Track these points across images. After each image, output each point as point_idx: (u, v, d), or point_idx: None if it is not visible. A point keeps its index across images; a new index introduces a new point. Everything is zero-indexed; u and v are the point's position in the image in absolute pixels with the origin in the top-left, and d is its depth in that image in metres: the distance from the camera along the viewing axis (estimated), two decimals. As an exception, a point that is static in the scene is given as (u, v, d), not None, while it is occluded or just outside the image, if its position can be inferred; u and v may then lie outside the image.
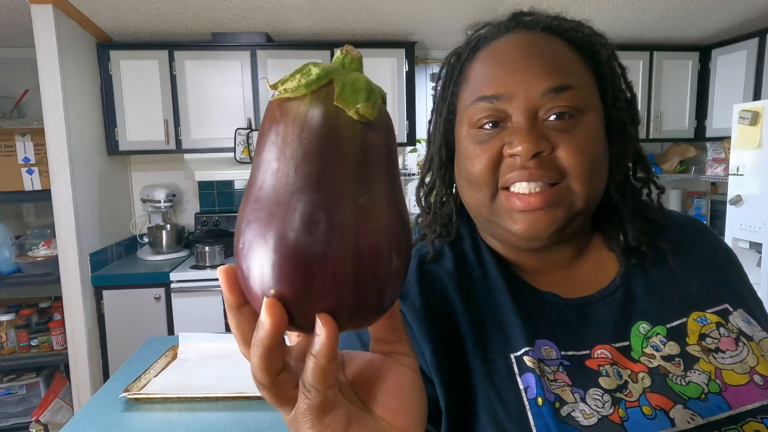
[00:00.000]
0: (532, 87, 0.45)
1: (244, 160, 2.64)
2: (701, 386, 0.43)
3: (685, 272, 0.51)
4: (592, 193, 0.47)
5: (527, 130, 0.45)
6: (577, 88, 0.46)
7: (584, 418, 0.42)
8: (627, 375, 0.45)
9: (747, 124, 2.30)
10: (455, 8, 2.40)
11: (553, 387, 0.44)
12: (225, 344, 1.40)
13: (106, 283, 2.37)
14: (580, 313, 0.49)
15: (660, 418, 0.42)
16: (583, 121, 0.46)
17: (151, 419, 1.05)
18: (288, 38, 2.77)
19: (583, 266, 0.53)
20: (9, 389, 2.41)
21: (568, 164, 0.45)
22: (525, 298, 0.50)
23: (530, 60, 0.46)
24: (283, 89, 0.28)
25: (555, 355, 0.46)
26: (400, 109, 2.74)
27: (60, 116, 2.17)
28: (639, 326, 0.48)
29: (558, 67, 0.46)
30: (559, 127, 0.45)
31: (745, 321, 0.47)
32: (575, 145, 0.45)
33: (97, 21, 2.44)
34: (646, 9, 2.45)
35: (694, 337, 0.46)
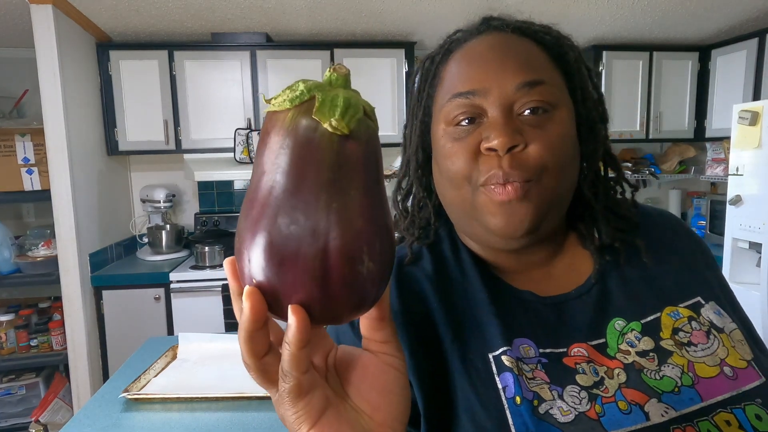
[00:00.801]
0: (506, 82, 0.46)
1: (244, 160, 2.64)
2: (675, 380, 0.44)
3: (659, 267, 0.52)
4: (563, 189, 0.48)
5: (503, 123, 0.46)
6: (549, 83, 0.48)
7: (562, 415, 0.43)
8: (603, 371, 0.46)
9: (747, 124, 2.30)
10: (455, 8, 2.40)
11: (531, 385, 0.45)
12: (225, 344, 1.40)
13: (106, 283, 2.37)
14: (556, 311, 0.50)
15: (635, 413, 0.42)
16: (555, 117, 0.47)
17: (150, 419, 1.05)
18: (288, 38, 2.77)
19: (559, 265, 0.54)
20: (9, 389, 2.41)
21: (540, 159, 0.46)
22: (503, 297, 0.51)
23: (503, 57, 0.48)
24: (272, 103, 0.31)
25: (533, 353, 0.47)
26: (399, 109, 2.74)
27: (60, 116, 2.17)
28: (614, 323, 0.49)
29: (530, 64, 0.48)
30: (532, 122, 0.46)
31: (717, 313, 0.49)
32: (548, 141, 0.46)
33: (97, 21, 2.44)
34: (646, 9, 2.46)
35: (667, 331, 0.47)
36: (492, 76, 0.47)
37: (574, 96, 0.51)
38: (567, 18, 2.52)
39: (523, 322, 0.49)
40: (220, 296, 2.38)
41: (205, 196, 3.03)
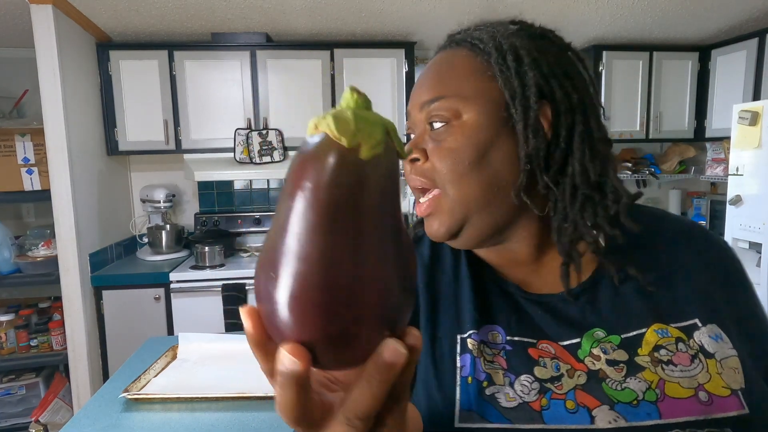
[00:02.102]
0: (416, 103, 0.52)
1: (244, 160, 2.65)
2: (636, 393, 0.44)
3: (660, 282, 0.50)
4: (470, 196, 0.49)
5: (411, 141, 0.52)
6: (451, 95, 0.49)
7: (506, 400, 0.45)
8: (565, 369, 0.46)
9: (746, 124, 2.30)
10: (455, 8, 2.40)
11: (486, 368, 0.47)
12: (225, 344, 1.40)
13: (106, 283, 2.37)
14: (538, 307, 0.51)
15: (581, 414, 0.43)
16: (454, 127, 0.49)
17: (150, 419, 1.05)
18: (288, 38, 2.77)
19: (554, 264, 0.52)
20: (8, 389, 2.41)
21: (436, 170, 0.49)
22: (487, 286, 0.54)
23: (422, 79, 0.53)
24: None
25: (500, 340, 0.49)
26: (399, 109, 2.74)
27: (60, 116, 2.17)
28: (594, 332, 0.48)
29: (437, 80, 0.51)
30: (433, 136, 0.50)
31: (714, 337, 0.46)
32: (440, 153, 0.49)
33: (97, 21, 2.44)
34: (646, 9, 2.46)
35: (647, 347, 0.46)
36: (413, 98, 0.53)
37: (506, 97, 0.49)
38: (567, 18, 2.52)
39: (499, 311, 0.52)
40: (220, 296, 2.38)
41: (205, 196, 3.03)
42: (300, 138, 2.68)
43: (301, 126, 2.69)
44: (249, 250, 2.85)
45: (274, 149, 2.65)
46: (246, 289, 2.41)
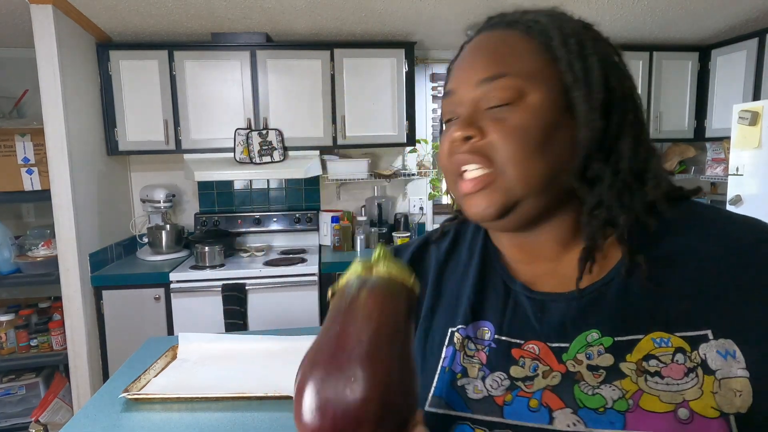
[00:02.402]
0: (470, 80, 0.50)
1: (244, 160, 2.65)
2: (606, 400, 0.43)
3: (677, 287, 0.46)
4: (532, 178, 0.47)
5: (462, 119, 0.50)
6: (514, 75, 0.48)
7: (473, 392, 0.48)
8: (542, 371, 0.47)
9: (746, 124, 2.30)
10: (455, 8, 2.40)
11: (464, 361, 0.50)
12: (225, 344, 1.40)
13: (106, 283, 2.37)
14: (538, 307, 0.51)
15: (541, 413, 0.44)
16: (520, 107, 0.48)
17: (150, 419, 1.05)
18: (288, 38, 2.77)
19: (570, 263, 0.51)
20: (8, 389, 2.41)
21: (497, 149, 0.48)
22: (491, 283, 0.55)
23: (473, 56, 0.51)
24: None
25: (488, 337, 0.51)
26: (399, 109, 2.74)
27: (60, 116, 2.17)
28: (588, 334, 0.47)
29: (496, 58, 0.50)
30: (495, 114, 0.48)
31: (722, 354, 0.42)
32: (505, 131, 0.47)
33: (97, 21, 2.44)
34: (646, 9, 2.46)
35: (637, 355, 0.44)
36: (462, 76, 0.51)
37: (566, 81, 0.49)
38: (567, 18, 2.52)
39: (494, 308, 0.53)
40: (220, 296, 2.38)
41: (205, 196, 3.03)
42: (299, 138, 2.69)
43: (300, 126, 2.69)
44: (249, 250, 2.86)
45: (274, 149, 2.65)
46: (246, 289, 2.41)
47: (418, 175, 3.07)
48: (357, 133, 2.72)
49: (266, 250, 2.88)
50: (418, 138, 2.95)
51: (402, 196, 3.18)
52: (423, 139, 3.08)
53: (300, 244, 3.02)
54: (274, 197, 3.09)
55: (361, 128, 2.73)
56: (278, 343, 1.39)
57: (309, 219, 2.98)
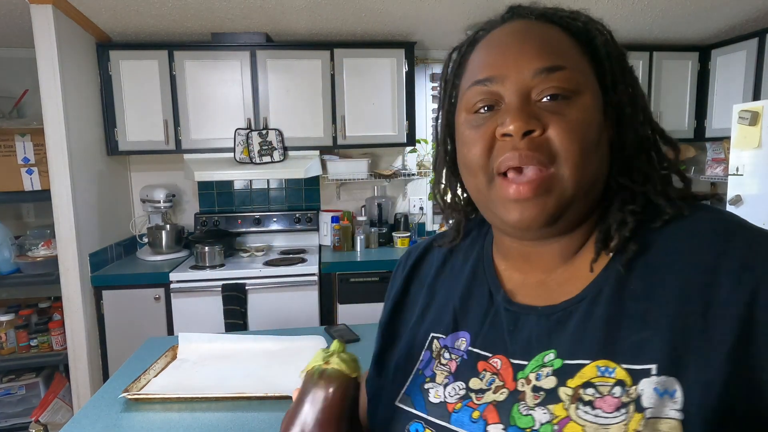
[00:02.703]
0: (523, 68, 0.46)
1: (244, 160, 2.65)
2: (535, 423, 0.43)
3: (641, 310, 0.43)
4: (584, 179, 0.46)
5: (518, 109, 0.45)
6: (571, 69, 0.46)
7: (433, 397, 0.50)
8: (495, 385, 0.48)
9: (746, 124, 2.30)
10: (455, 8, 2.40)
11: (437, 368, 0.53)
12: (225, 344, 1.40)
13: (106, 283, 2.37)
14: (513, 320, 0.50)
15: (478, 426, 0.46)
16: (577, 103, 0.45)
17: (150, 419, 1.05)
18: (288, 38, 2.77)
19: (559, 277, 0.51)
20: (8, 389, 2.41)
21: (559, 146, 0.44)
22: (478, 292, 0.55)
23: (522, 43, 0.47)
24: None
25: (464, 347, 0.52)
26: (399, 109, 2.74)
27: (60, 116, 2.17)
28: (546, 354, 0.46)
29: (551, 49, 0.46)
30: (552, 108, 0.45)
31: (659, 392, 0.39)
32: (567, 127, 0.44)
33: (97, 21, 2.44)
34: (646, 9, 2.46)
35: (578, 380, 0.43)
36: (510, 62, 0.46)
37: (603, 82, 0.48)
38: (567, 18, 2.52)
39: (475, 320, 0.53)
40: (220, 296, 2.38)
41: (205, 196, 3.03)
42: (299, 138, 2.69)
43: (300, 126, 2.69)
44: (249, 250, 2.86)
45: (274, 149, 2.65)
46: (246, 289, 2.42)
47: (418, 175, 3.07)
48: (357, 133, 2.72)
49: (266, 250, 2.89)
50: (418, 138, 2.95)
51: (402, 196, 3.18)
52: (423, 139, 3.08)
53: (300, 244, 3.02)
54: (274, 197, 3.09)
55: (361, 128, 2.73)
56: (278, 343, 1.39)
57: (309, 219, 2.99)
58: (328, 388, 0.48)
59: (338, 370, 0.48)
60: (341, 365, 0.49)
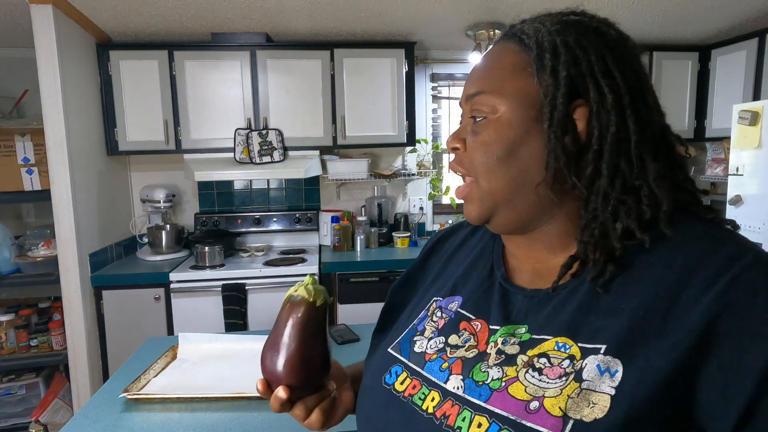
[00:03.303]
0: (463, 96, 0.57)
1: (244, 160, 2.65)
2: (488, 377, 0.49)
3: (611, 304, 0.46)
4: (497, 189, 0.53)
5: (454, 131, 0.57)
6: (490, 92, 0.52)
7: (417, 347, 0.58)
8: (469, 345, 0.54)
9: (746, 124, 2.31)
10: (455, 8, 2.40)
11: (427, 324, 0.61)
12: (224, 344, 1.40)
13: (106, 283, 2.37)
14: (504, 295, 0.57)
15: (443, 374, 0.53)
16: (491, 122, 0.52)
17: (150, 419, 1.05)
18: (288, 38, 2.77)
19: (549, 266, 0.55)
20: (8, 389, 2.41)
21: (470, 160, 0.54)
22: (481, 266, 0.62)
23: (472, 72, 0.57)
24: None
25: (454, 308, 0.60)
26: (399, 109, 2.74)
27: (60, 116, 2.17)
28: (518, 328, 0.52)
29: (483, 75, 0.54)
30: (473, 128, 0.54)
31: (600, 369, 0.43)
32: (476, 145, 0.53)
33: (97, 21, 2.44)
34: (646, 9, 2.46)
35: (537, 351, 0.48)
36: (463, 91, 0.57)
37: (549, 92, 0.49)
38: (567, 18, 2.52)
39: (472, 287, 0.60)
40: (220, 296, 2.38)
41: (205, 196, 3.03)
42: (299, 138, 2.69)
43: (300, 126, 2.69)
44: (249, 250, 2.86)
45: (274, 149, 2.65)
46: (246, 289, 2.42)
47: (418, 175, 3.07)
48: (357, 133, 2.72)
49: (266, 250, 2.89)
50: (418, 138, 2.95)
51: (402, 196, 3.18)
52: (423, 139, 3.08)
53: (300, 244, 3.02)
54: (274, 197, 3.09)
55: (361, 128, 2.73)
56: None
57: (309, 219, 2.99)
58: (291, 311, 0.59)
59: (302, 297, 0.59)
60: (305, 293, 0.59)
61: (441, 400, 0.51)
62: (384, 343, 0.64)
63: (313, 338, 0.58)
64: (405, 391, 0.55)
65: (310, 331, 0.58)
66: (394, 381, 0.57)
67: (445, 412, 0.49)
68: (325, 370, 0.61)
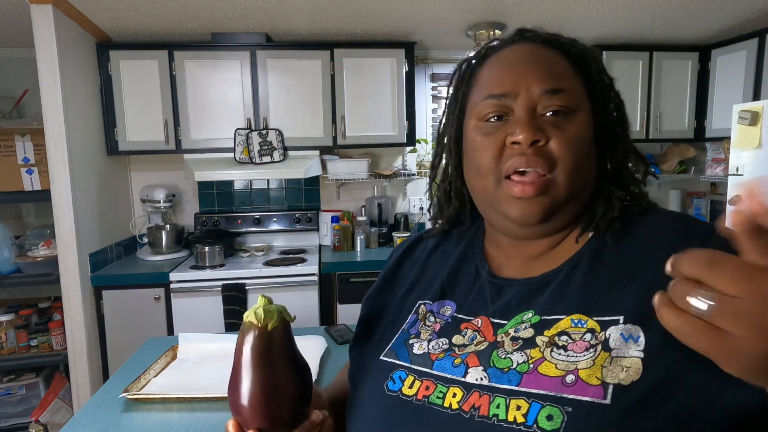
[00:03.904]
0: (532, 87, 0.54)
1: (244, 160, 2.65)
2: (512, 362, 0.50)
3: (607, 277, 0.52)
4: (576, 184, 0.54)
5: (527, 122, 0.53)
6: (570, 91, 0.55)
7: (417, 349, 0.57)
8: (477, 340, 0.55)
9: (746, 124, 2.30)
10: (455, 8, 2.40)
11: (421, 328, 0.60)
12: (224, 344, 1.40)
13: (106, 283, 2.37)
14: (497, 290, 0.58)
15: (460, 369, 0.52)
16: (573, 120, 0.54)
17: (150, 419, 1.05)
18: (288, 38, 2.77)
19: (540, 260, 0.58)
20: (8, 389, 2.41)
21: (558, 155, 0.53)
22: (466, 270, 0.63)
23: (531, 65, 0.56)
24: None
25: (449, 313, 0.60)
26: (399, 109, 2.74)
27: (60, 116, 2.17)
28: (525, 314, 0.54)
29: (555, 73, 0.55)
30: (553, 122, 0.54)
31: (625, 337, 0.47)
32: (566, 139, 0.53)
33: (97, 21, 2.44)
34: (646, 9, 2.46)
35: (554, 331, 0.50)
36: (521, 81, 0.55)
37: (594, 102, 0.57)
38: (567, 18, 2.52)
39: (462, 291, 0.61)
40: (220, 296, 2.38)
41: (205, 196, 3.03)
42: (299, 138, 2.69)
43: (300, 126, 2.69)
44: (249, 250, 2.86)
45: (274, 149, 2.65)
46: (246, 289, 2.42)
47: (418, 175, 3.07)
48: (357, 133, 2.72)
49: (266, 250, 2.89)
50: (418, 138, 2.95)
51: (402, 196, 3.18)
52: (423, 139, 3.08)
53: (300, 244, 3.02)
54: (274, 197, 3.09)
55: (361, 128, 2.73)
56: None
57: (309, 219, 2.99)
58: (243, 342, 0.53)
59: (250, 323, 0.53)
60: (253, 318, 0.53)
61: (465, 393, 0.50)
62: (370, 354, 0.62)
63: (272, 369, 0.51)
64: (417, 394, 0.53)
65: (269, 361, 0.51)
66: (400, 387, 0.55)
67: (473, 404, 0.49)
68: (303, 400, 0.54)
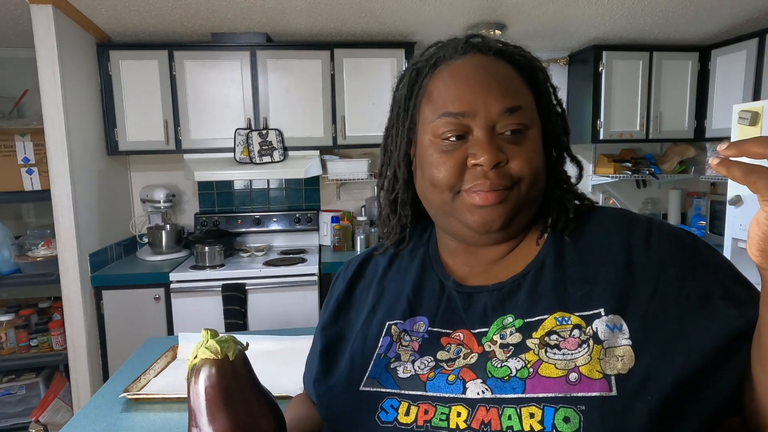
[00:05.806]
0: (491, 106, 0.54)
1: (244, 160, 2.65)
2: (510, 370, 0.49)
3: (579, 276, 0.54)
4: (533, 194, 0.57)
5: (488, 143, 0.54)
6: (525, 108, 0.56)
7: (403, 372, 0.54)
8: (463, 353, 0.53)
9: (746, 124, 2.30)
10: (455, 8, 2.40)
11: (400, 350, 0.57)
12: (225, 344, 1.39)
13: (106, 283, 2.37)
14: (466, 299, 0.58)
15: (456, 385, 0.50)
16: (529, 136, 0.56)
17: (150, 419, 1.05)
18: (288, 38, 2.77)
19: (501, 264, 0.60)
20: (8, 389, 2.41)
21: (519, 173, 0.55)
22: (429, 283, 0.62)
23: (488, 82, 0.55)
24: None
25: (423, 329, 0.58)
26: (399, 109, 2.73)
27: (60, 116, 2.17)
28: (504, 318, 0.54)
29: (510, 90, 0.56)
30: (511, 140, 0.55)
31: (610, 327, 0.49)
32: (525, 157, 0.55)
33: (97, 21, 2.44)
34: (646, 9, 2.46)
35: (542, 332, 0.51)
36: (479, 100, 0.54)
37: (542, 113, 0.59)
38: (567, 18, 2.52)
39: (430, 305, 0.60)
40: (220, 296, 2.38)
41: (205, 196, 3.03)
42: (300, 138, 2.69)
43: (300, 126, 2.69)
44: (249, 250, 2.86)
45: (274, 149, 2.65)
46: (246, 289, 2.42)
47: (418, 175, 3.07)
48: (357, 133, 2.72)
49: (266, 250, 2.89)
50: (418, 138, 2.95)
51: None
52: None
53: (300, 244, 3.02)
54: (274, 197, 3.09)
55: (361, 128, 2.73)
56: (278, 343, 1.39)
57: (309, 219, 2.99)
58: (200, 382, 0.48)
59: (208, 358, 0.48)
60: (208, 353, 0.49)
61: (470, 411, 0.48)
62: (343, 387, 0.58)
63: (246, 403, 0.48)
64: (416, 420, 0.50)
65: (240, 395, 0.48)
66: (395, 416, 0.51)
67: (482, 420, 0.47)
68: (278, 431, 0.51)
